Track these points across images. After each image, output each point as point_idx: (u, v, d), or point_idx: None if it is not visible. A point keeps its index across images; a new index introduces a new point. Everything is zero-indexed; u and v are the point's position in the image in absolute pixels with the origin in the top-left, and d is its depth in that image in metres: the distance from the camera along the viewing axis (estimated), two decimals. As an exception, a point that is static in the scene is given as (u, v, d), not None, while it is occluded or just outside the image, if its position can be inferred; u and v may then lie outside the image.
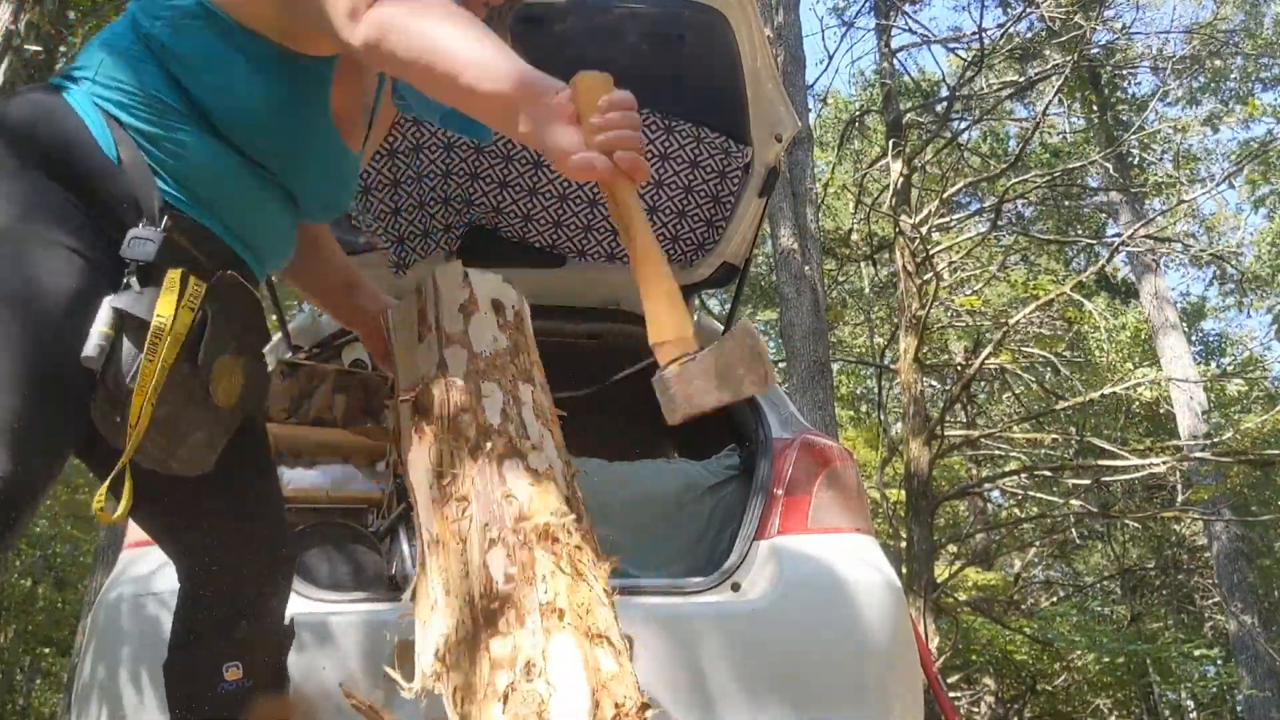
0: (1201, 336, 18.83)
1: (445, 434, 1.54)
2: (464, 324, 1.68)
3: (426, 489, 1.53)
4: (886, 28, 11.96)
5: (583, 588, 1.34)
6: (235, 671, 1.66)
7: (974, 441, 11.41)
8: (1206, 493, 11.39)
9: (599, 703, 1.20)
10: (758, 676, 2.27)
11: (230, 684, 1.65)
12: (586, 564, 1.38)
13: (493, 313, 1.72)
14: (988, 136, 15.22)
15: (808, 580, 2.45)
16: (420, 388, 1.62)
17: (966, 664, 12.02)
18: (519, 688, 1.22)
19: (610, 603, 1.38)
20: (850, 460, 2.79)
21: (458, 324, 1.68)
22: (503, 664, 1.26)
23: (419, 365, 1.68)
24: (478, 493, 1.45)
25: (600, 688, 1.21)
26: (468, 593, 1.37)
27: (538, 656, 1.24)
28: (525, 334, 1.78)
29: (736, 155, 3.10)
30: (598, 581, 1.38)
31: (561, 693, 1.20)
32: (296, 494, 2.83)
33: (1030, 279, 13.47)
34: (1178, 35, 13.67)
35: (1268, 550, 14.51)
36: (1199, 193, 12.83)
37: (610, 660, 1.26)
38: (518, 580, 1.33)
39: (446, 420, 1.55)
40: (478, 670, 1.29)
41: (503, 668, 1.26)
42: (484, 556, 1.38)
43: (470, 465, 1.48)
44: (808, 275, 8.45)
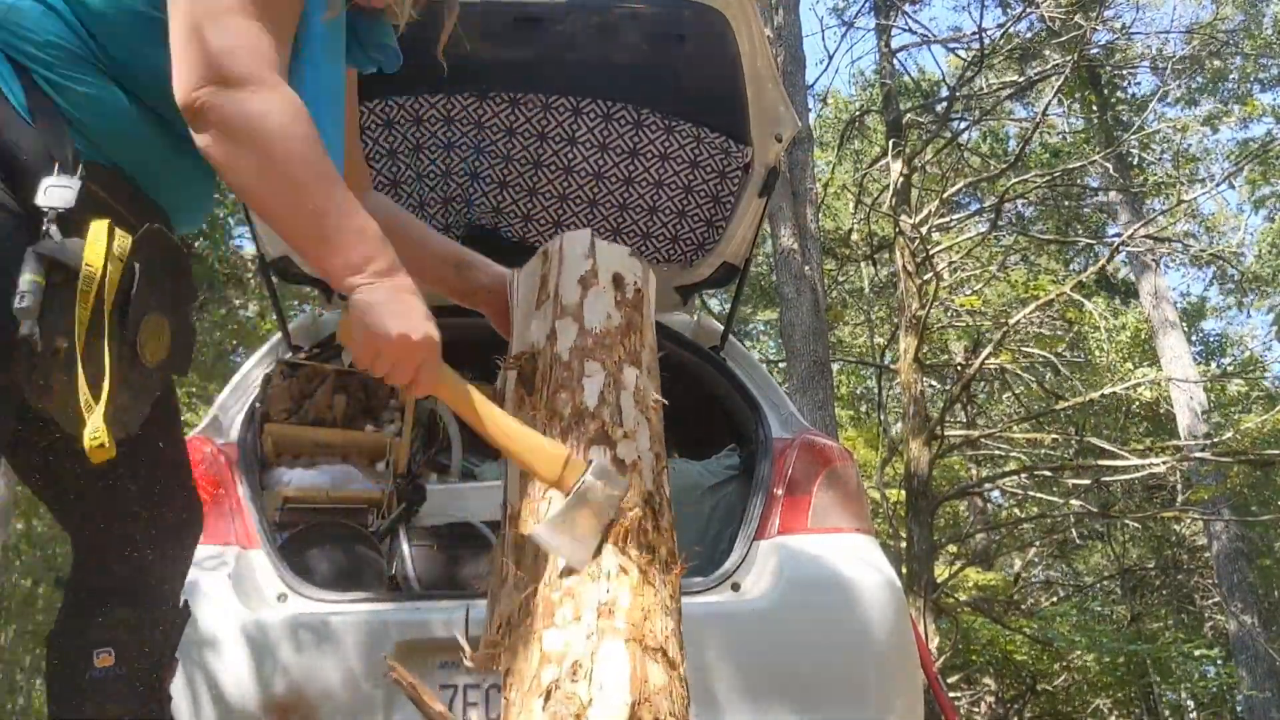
0: (1202, 336, 18.83)
1: (542, 409, 1.52)
2: (580, 296, 1.64)
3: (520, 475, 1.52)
4: (886, 28, 11.96)
5: (647, 592, 1.32)
6: (106, 658, 1.59)
7: (974, 441, 11.41)
8: (1206, 493, 11.38)
9: (638, 717, 1.19)
10: (758, 676, 2.28)
11: (99, 671, 1.59)
12: (656, 567, 1.37)
13: (612, 288, 1.67)
14: (988, 136, 15.21)
15: (808, 580, 2.45)
16: (526, 356, 1.60)
17: (966, 664, 12.02)
18: (562, 686, 1.22)
19: (675, 609, 1.36)
20: (850, 460, 2.79)
21: (574, 295, 1.64)
22: (551, 659, 1.26)
23: (531, 331, 1.65)
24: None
25: (642, 701, 1.20)
26: (536, 576, 1.36)
27: (586, 658, 1.23)
28: (643, 313, 1.72)
29: (736, 155, 3.10)
30: (665, 586, 1.36)
31: (601, 702, 1.19)
32: (296, 494, 2.83)
33: (1030, 279, 13.47)
34: (1177, 35, 13.68)
35: (1268, 550, 14.51)
36: (1199, 193, 12.83)
37: (660, 673, 1.25)
38: (583, 575, 1.32)
39: (545, 395, 1.53)
40: (529, 658, 1.29)
41: (551, 663, 1.25)
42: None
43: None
44: (808, 275, 8.44)
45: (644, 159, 3.14)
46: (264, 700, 2.26)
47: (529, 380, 1.57)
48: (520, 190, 3.24)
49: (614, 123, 3.06)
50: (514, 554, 1.43)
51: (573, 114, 3.03)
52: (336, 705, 2.26)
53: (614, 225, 3.31)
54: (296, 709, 2.26)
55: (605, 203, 3.25)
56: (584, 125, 3.06)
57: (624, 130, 3.07)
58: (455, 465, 3.31)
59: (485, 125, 3.07)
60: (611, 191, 3.22)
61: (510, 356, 1.64)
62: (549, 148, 3.12)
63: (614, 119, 3.05)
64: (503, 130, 3.08)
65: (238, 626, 2.32)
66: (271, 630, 2.32)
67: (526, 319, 1.69)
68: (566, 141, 3.10)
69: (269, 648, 2.30)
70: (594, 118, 3.04)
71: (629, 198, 3.24)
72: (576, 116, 3.03)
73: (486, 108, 3.02)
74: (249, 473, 2.66)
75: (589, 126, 3.06)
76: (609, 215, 3.29)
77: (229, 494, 2.59)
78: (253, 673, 2.28)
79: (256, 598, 2.41)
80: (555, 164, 3.16)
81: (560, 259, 1.70)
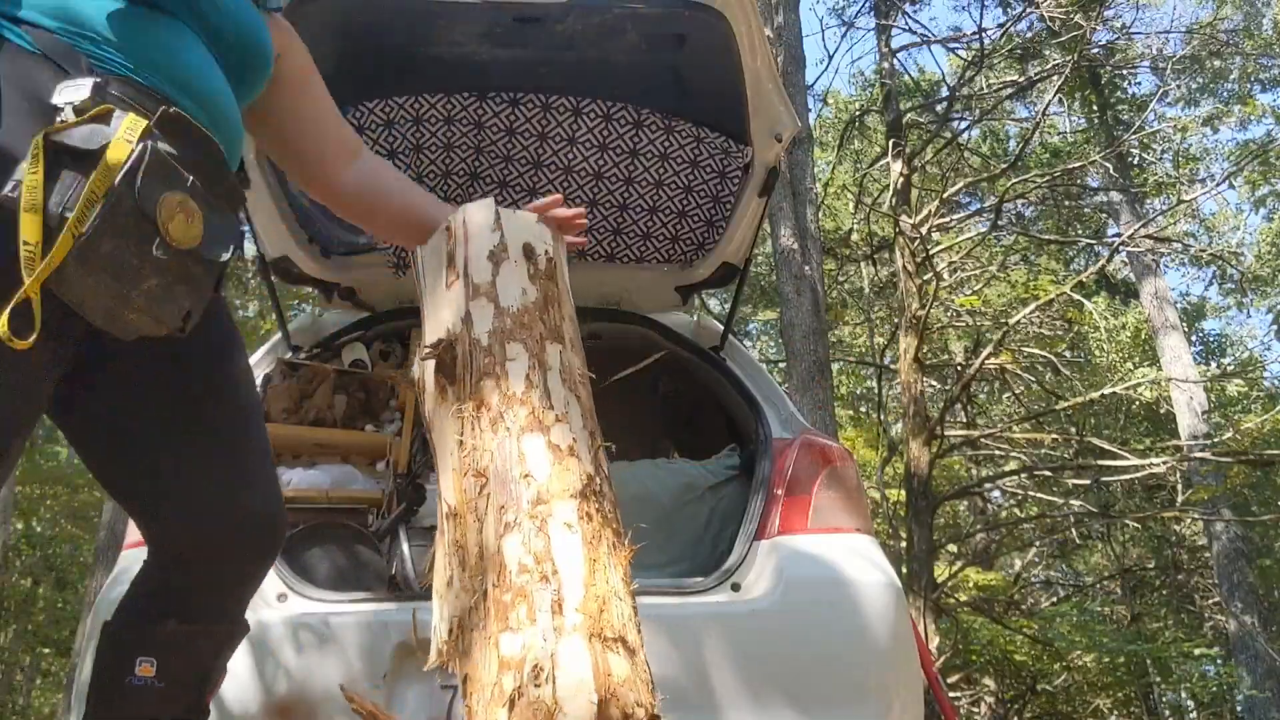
0: (1202, 336, 18.83)
1: (467, 400, 1.45)
2: (492, 274, 1.56)
3: (447, 455, 1.46)
4: (886, 28, 11.96)
5: (599, 581, 1.29)
6: (148, 668, 1.57)
7: (974, 441, 11.40)
8: (1206, 493, 11.39)
9: (607, 715, 1.17)
10: (758, 676, 2.27)
11: (140, 679, 1.57)
12: (603, 553, 1.33)
13: (524, 260, 1.60)
14: (988, 136, 15.23)
15: (808, 580, 2.45)
16: (444, 344, 1.52)
17: (966, 664, 12.02)
18: (526, 693, 1.19)
19: (629, 594, 1.33)
20: (850, 460, 2.79)
21: (486, 273, 1.57)
22: (511, 665, 1.23)
23: (444, 316, 1.57)
24: (495, 470, 1.38)
25: (610, 696, 1.18)
26: (482, 577, 1.32)
27: (546, 660, 1.21)
28: (558, 284, 1.64)
29: (736, 155, 3.10)
30: (615, 570, 1.33)
31: (568, 704, 1.17)
32: (296, 494, 2.83)
33: (1030, 279, 13.47)
34: (1177, 35, 13.68)
35: (1268, 550, 14.51)
36: (1199, 193, 12.83)
37: (623, 663, 1.23)
38: (532, 572, 1.29)
39: (469, 385, 1.47)
40: (487, 665, 1.26)
41: (511, 669, 1.22)
42: (500, 541, 1.32)
43: (490, 438, 1.40)
44: (808, 275, 8.45)
45: (644, 159, 3.14)
46: (264, 700, 2.26)
47: (449, 369, 1.49)
48: (520, 190, 3.24)
49: (614, 123, 3.06)
50: (457, 554, 1.38)
51: (573, 114, 3.03)
52: (336, 705, 2.26)
53: (614, 225, 3.31)
54: (296, 709, 2.26)
55: (605, 203, 3.25)
56: (584, 125, 3.06)
57: (624, 130, 3.07)
58: (455, 465, 3.31)
59: (485, 125, 3.07)
60: (611, 191, 3.22)
61: (426, 345, 1.55)
62: (549, 148, 3.12)
63: (614, 119, 3.05)
64: (503, 130, 3.08)
65: (238, 626, 2.32)
66: (271, 630, 2.32)
67: (435, 302, 1.61)
68: (566, 141, 3.10)
69: (269, 648, 2.30)
70: (594, 118, 3.04)
71: (629, 198, 3.24)
72: (576, 116, 3.03)
73: (486, 108, 3.02)
74: (249, 473, 2.65)
75: (589, 126, 3.06)
76: (609, 215, 3.29)
77: (229, 494, 2.58)
78: (252, 673, 2.28)
79: (256, 598, 2.40)
80: (555, 164, 3.16)
81: (465, 234, 1.62)
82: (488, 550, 1.33)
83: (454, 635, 1.34)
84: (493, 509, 1.35)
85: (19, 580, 13.48)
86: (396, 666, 2.30)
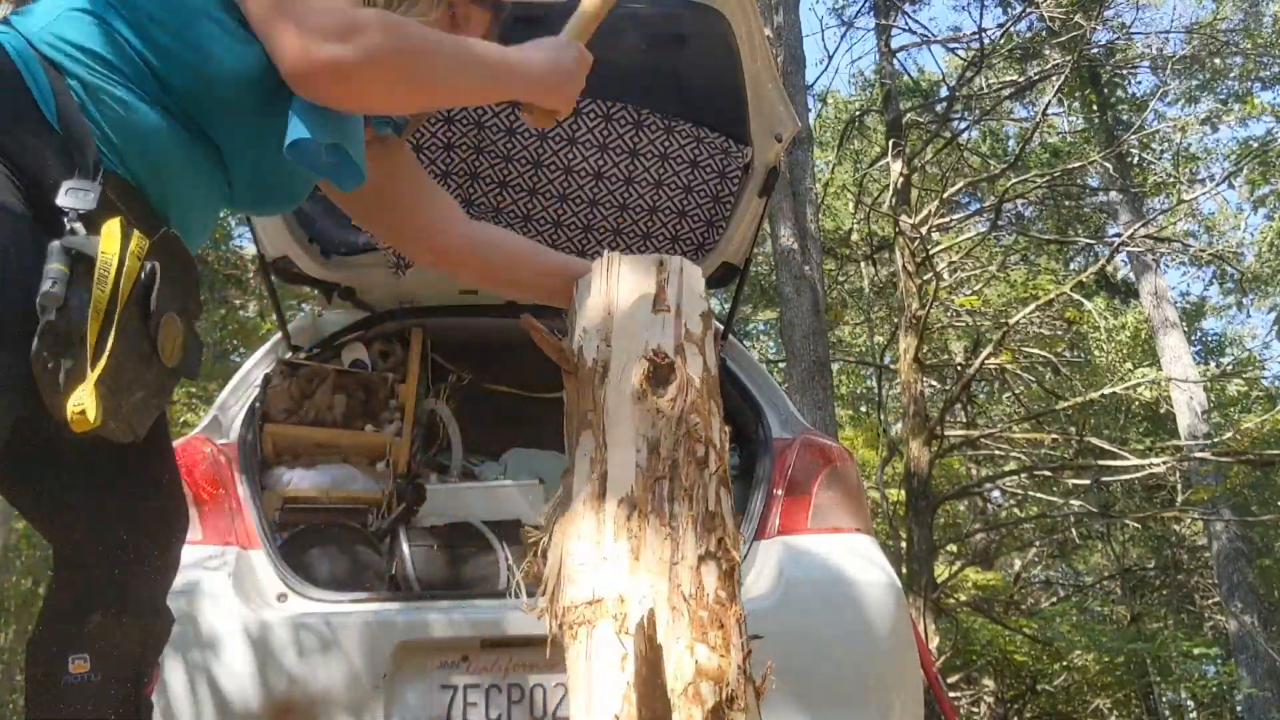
0: (1202, 336, 18.84)
1: (674, 427, 1.44)
2: (703, 332, 1.58)
3: (645, 455, 1.41)
4: (886, 28, 11.96)
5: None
6: (81, 664, 1.56)
7: (974, 441, 11.41)
8: (1206, 493, 11.39)
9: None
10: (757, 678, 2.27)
11: (75, 676, 1.56)
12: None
13: (713, 340, 1.62)
14: (987, 136, 15.22)
15: (808, 580, 2.45)
16: (664, 356, 1.50)
17: (966, 664, 12.02)
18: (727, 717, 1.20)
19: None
20: (850, 460, 2.79)
21: (699, 327, 1.58)
22: (711, 676, 1.23)
23: (647, 334, 1.54)
24: (694, 500, 1.38)
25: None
26: (674, 583, 1.29)
27: (741, 694, 1.23)
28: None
29: (736, 155, 3.10)
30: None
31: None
32: (296, 494, 2.84)
33: (1030, 279, 13.47)
34: (1177, 35, 13.68)
35: (1267, 550, 14.51)
36: (1199, 193, 12.84)
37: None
38: (726, 604, 1.30)
39: (681, 408, 1.45)
40: (677, 662, 1.23)
41: (710, 680, 1.23)
42: (699, 564, 1.31)
43: (692, 470, 1.40)
44: (808, 275, 8.45)
45: (644, 159, 3.14)
46: (264, 700, 2.26)
47: (663, 382, 1.48)
48: (520, 190, 3.24)
49: (614, 123, 3.05)
50: (626, 536, 1.35)
51: (573, 114, 3.04)
52: (336, 705, 2.26)
53: (614, 225, 3.31)
54: (296, 709, 2.26)
55: (605, 203, 3.25)
56: (584, 125, 3.06)
57: (624, 130, 3.07)
58: (455, 465, 3.32)
59: (485, 125, 3.07)
60: (611, 191, 3.22)
61: (652, 351, 1.52)
62: (549, 147, 3.12)
63: (614, 119, 3.05)
64: (503, 130, 3.08)
65: (238, 626, 2.32)
66: (271, 630, 2.32)
67: (634, 319, 1.58)
68: (566, 141, 3.10)
69: (269, 648, 2.30)
70: (594, 118, 3.04)
71: (629, 198, 3.24)
72: (576, 116, 3.03)
73: (486, 108, 3.02)
74: (249, 473, 2.66)
75: (589, 126, 3.06)
76: (609, 215, 3.29)
77: (229, 494, 2.59)
78: (253, 673, 2.28)
79: (257, 598, 2.41)
80: (555, 164, 3.16)
81: (681, 280, 1.63)
82: (685, 566, 1.33)
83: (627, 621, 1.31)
84: (688, 533, 1.35)
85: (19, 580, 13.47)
86: (396, 666, 2.31)
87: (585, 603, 1.29)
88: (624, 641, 1.23)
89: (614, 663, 1.23)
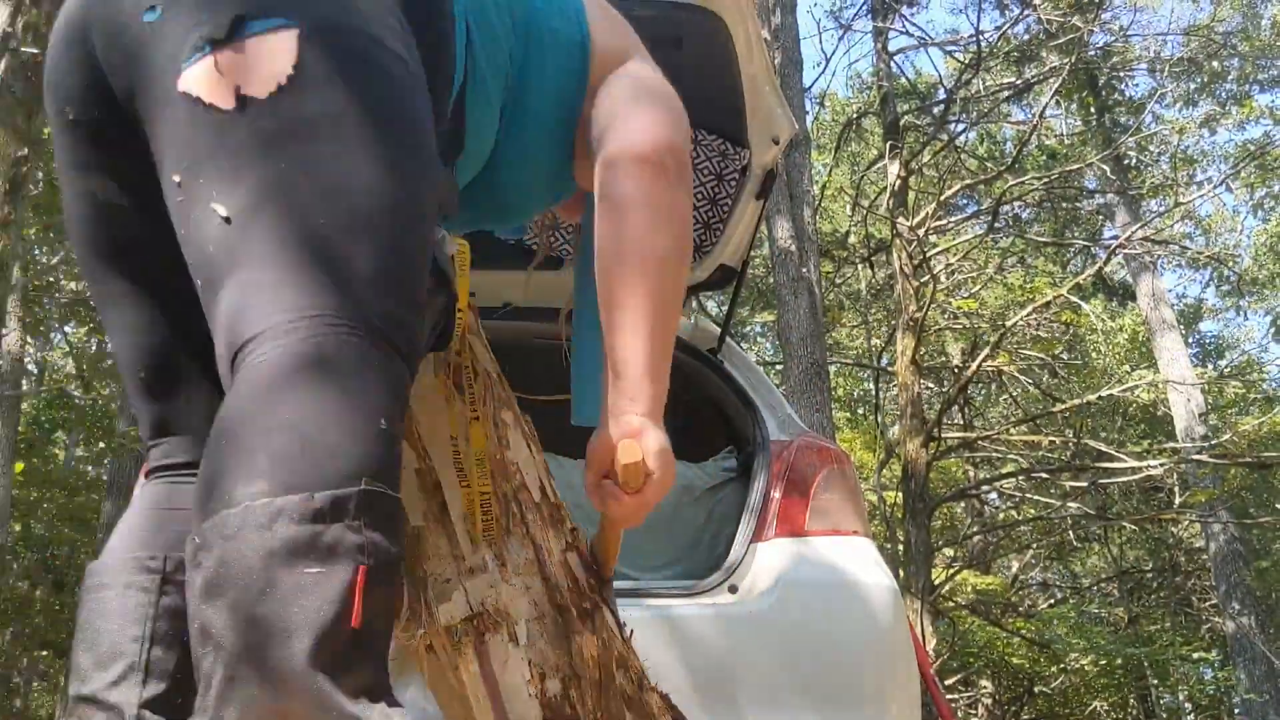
0: (1199, 338, 18.86)
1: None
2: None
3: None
4: (884, 30, 11.98)
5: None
6: None
7: (971, 444, 11.42)
8: (1204, 495, 11.40)
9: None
10: (755, 679, 2.27)
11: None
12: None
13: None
14: (985, 139, 15.24)
15: (805, 582, 2.45)
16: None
17: (964, 666, 12.03)
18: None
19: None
20: (848, 462, 2.79)
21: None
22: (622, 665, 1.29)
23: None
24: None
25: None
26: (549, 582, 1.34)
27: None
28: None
29: (734, 158, 3.09)
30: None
31: None
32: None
33: (1027, 281, 13.49)
34: (1175, 37, 13.70)
35: (1265, 552, 14.52)
36: (1196, 196, 12.86)
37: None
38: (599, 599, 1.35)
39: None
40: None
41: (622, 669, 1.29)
42: (563, 557, 1.37)
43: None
44: (805, 277, 8.45)
45: (641, 161, 3.13)
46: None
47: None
48: (518, 192, 3.23)
49: (611, 125, 3.05)
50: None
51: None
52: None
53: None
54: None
55: (603, 204, 3.24)
56: (582, 127, 3.05)
57: (621, 132, 3.06)
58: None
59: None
60: (609, 194, 3.21)
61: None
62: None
63: (611, 121, 3.04)
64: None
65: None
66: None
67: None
68: (564, 144, 3.09)
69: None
70: (591, 120, 3.03)
71: None
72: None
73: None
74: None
75: (586, 129, 3.06)
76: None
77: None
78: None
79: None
80: (553, 166, 3.15)
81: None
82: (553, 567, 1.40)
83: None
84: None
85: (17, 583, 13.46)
86: (396, 666, 2.30)
87: (464, 619, 1.27)
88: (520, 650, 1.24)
89: (522, 672, 1.24)
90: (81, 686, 1.11)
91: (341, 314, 0.93)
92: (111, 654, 1.11)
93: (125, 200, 1.18)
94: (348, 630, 0.82)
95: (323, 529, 0.84)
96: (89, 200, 1.19)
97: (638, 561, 2.61)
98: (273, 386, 0.89)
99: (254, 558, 0.82)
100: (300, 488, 0.84)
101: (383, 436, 0.91)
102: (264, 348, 0.91)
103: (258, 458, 0.86)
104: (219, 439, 0.90)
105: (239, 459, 0.87)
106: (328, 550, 0.84)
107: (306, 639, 0.80)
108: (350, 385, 0.91)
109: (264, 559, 0.82)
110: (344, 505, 0.85)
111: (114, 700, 1.09)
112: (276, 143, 1.00)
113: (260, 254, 0.96)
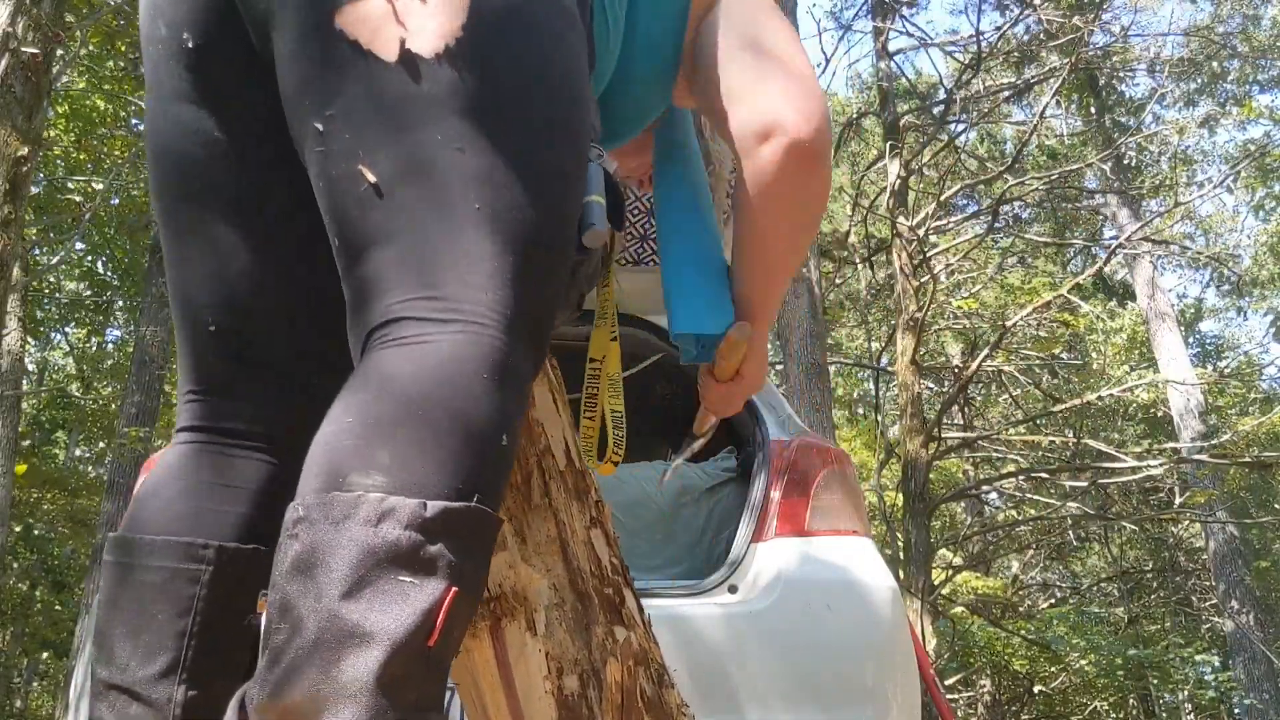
0: (1199, 339, 18.86)
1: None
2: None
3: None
4: (883, 30, 11.97)
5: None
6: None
7: (971, 443, 11.42)
8: (1204, 495, 11.40)
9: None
10: (755, 679, 2.28)
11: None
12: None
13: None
14: (985, 139, 15.24)
15: (805, 583, 2.45)
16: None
17: (964, 666, 12.02)
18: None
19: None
20: (848, 462, 2.79)
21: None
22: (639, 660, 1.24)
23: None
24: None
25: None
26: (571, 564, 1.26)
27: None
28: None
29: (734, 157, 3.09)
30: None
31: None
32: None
33: (1027, 281, 13.49)
34: (1175, 38, 13.70)
35: (1265, 551, 14.53)
36: (1196, 196, 12.86)
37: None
38: (621, 582, 1.28)
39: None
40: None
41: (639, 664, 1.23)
42: (588, 535, 1.30)
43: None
44: (805, 277, 8.45)
45: (641, 161, 3.13)
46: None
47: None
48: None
49: (611, 125, 3.05)
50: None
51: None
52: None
53: (612, 228, 3.31)
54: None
55: (603, 205, 3.24)
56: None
57: (621, 133, 3.07)
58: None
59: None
60: (609, 194, 3.21)
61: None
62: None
63: (611, 122, 3.04)
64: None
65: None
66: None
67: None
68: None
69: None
70: (592, 120, 3.03)
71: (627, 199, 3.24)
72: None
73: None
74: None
75: (587, 129, 3.05)
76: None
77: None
78: (250, 675, 2.28)
79: (254, 600, 2.40)
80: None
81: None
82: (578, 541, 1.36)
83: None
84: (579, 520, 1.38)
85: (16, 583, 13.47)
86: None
87: (484, 600, 1.19)
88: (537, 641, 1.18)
89: (538, 665, 1.18)
90: (119, 674, 1.05)
91: (483, 310, 0.90)
92: (157, 645, 1.05)
93: (239, 141, 1.11)
94: (424, 648, 0.80)
95: (427, 541, 0.81)
96: (192, 136, 1.11)
97: (637, 561, 2.61)
98: (409, 377, 0.87)
99: (353, 551, 0.80)
100: (415, 492, 0.82)
101: (502, 454, 0.88)
102: (405, 333, 0.89)
103: (382, 449, 0.84)
104: (349, 408, 0.87)
105: (364, 441, 0.85)
106: (428, 563, 0.81)
107: (381, 651, 0.78)
108: (483, 394, 0.88)
109: (362, 555, 0.80)
110: (453, 521, 0.83)
111: (155, 697, 1.04)
112: (435, 109, 0.93)
113: (408, 231, 0.91)
